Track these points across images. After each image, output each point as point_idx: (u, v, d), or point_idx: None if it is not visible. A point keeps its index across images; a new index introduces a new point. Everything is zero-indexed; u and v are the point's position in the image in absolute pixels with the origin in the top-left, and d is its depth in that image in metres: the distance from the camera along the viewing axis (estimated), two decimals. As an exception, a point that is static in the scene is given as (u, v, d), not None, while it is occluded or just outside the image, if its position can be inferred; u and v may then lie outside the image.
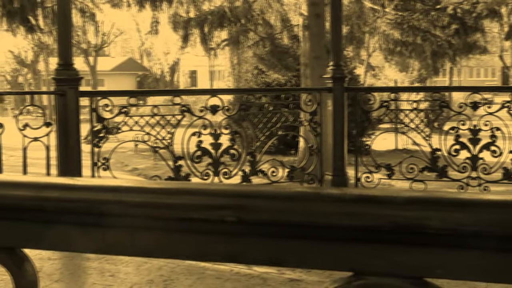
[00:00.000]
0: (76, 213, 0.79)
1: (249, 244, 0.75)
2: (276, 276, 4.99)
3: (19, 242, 0.85)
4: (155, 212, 0.76)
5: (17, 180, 0.83)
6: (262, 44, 18.19)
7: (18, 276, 0.84)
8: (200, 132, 7.00)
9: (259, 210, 0.73)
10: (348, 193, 0.74)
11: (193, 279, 4.87)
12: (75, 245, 0.83)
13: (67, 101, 6.24)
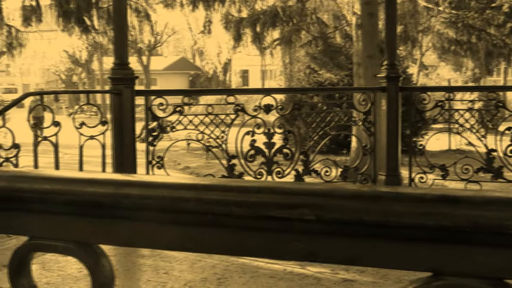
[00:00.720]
0: (155, 210, 0.80)
1: (327, 243, 0.75)
2: (329, 276, 4.96)
3: (96, 238, 0.86)
4: (234, 210, 0.76)
5: (97, 178, 0.85)
6: (314, 43, 18.13)
7: (95, 271, 0.85)
8: (253, 131, 7.01)
9: (339, 209, 0.73)
10: (429, 193, 0.73)
11: (247, 278, 4.88)
12: (152, 241, 0.84)
13: (123, 100, 6.32)
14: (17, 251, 0.91)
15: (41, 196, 0.87)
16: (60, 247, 0.89)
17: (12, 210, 0.90)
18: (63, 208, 0.86)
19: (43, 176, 0.89)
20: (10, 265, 0.92)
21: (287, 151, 7.29)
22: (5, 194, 0.89)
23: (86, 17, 14.49)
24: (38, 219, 0.89)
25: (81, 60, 51.25)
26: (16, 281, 0.91)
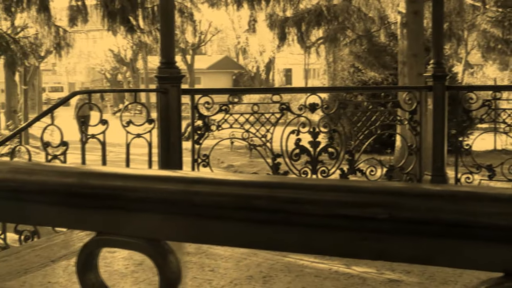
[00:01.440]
0: (225, 208, 0.81)
1: (399, 242, 0.74)
2: (375, 276, 4.93)
3: (165, 235, 0.87)
4: (307, 208, 0.76)
5: (168, 175, 0.86)
6: (359, 42, 18.06)
7: (163, 267, 0.86)
8: (298, 130, 7.01)
9: (413, 208, 0.72)
10: (505, 193, 0.72)
11: (292, 276, 4.87)
12: (221, 238, 0.84)
13: (169, 99, 6.37)
14: (85, 247, 0.92)
15: (111, 193, 0.88)
16: (129, 243, 0.90)
17: (81, 206, 0.92)
18: (133, 204, 0.87)
19: (114, 173, 0.90)
20: (78, 260, 0.93)
21: (332, 150, 7.27)
22: (75, 190, 0.90)
23: (131, 17, 14.64)
24: (107, 215, 0.90)
25: (126, 59, 51.83)
26: (83, 276, 0.93)
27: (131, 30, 14.72)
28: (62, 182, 0.91)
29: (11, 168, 0.94)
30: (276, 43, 19.32)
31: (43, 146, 6.19)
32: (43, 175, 0.93)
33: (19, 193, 0.93)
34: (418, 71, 12.91)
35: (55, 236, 6.14)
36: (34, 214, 0.96)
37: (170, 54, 6.49)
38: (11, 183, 0.93)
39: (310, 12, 17.75)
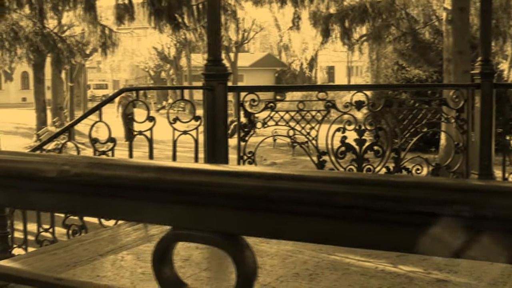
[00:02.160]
0: (304, 204, 0.81)
1: (483, 240, 0.74)
2: (422, 276, 4.88)
3: (241, 230, 0.88)
4: (388, 205, 0.76)
5: (246, 170, 0.87)
6: (403, 39, 17.89)
7: (240, 262, 0.87)
8: (344, 127, 6.99)
9: (498, 206, 0.72)
10: None
11: (338, 275, 4.86)
12: (297, 234, 0.85)
13: (216, 96, 6.41)
14: (161, 241, 0.94)
15: (188, 188, 0.89)
16: (204, 237, 0.91)
17: (157, 200, 0.93)
18: (210, 199, 0.88)
19: (192, 168, 0.91)
20: (154, 255, 0.95)
21: (378, 148, 7.22)
22: (152, 185, 0.91)
23: (177, 15, 14.75)
24: (183, 210, 0.91)
25: (169, 56, 52.18)
26: (159, 270, 0.94)
27: (177, 28, 14.82)
28: (139, 177, 0.92)
29: (88, 163, 0.96)
30: (319, 40, 19.26)
31: (91, 142, 6.28)
32: (118, 170, 0.94)
33: (95, 188, 0.95)
34: (464, 69, 12.76)
35: (103, 231, 6.22)
36: (109, 208, 0.98)
37: (217, 51, 6.52)
38: (87, 177, 0.94)
39: (354, 9, 17.66)
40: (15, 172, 1.00)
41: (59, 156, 1.01)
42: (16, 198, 1.07)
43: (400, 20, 17.41)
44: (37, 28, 16.51)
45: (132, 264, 5.13)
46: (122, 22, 15.19)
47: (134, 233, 6.06)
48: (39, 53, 17.63)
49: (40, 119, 28.44)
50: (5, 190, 1.04)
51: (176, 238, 0.93)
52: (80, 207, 1.01)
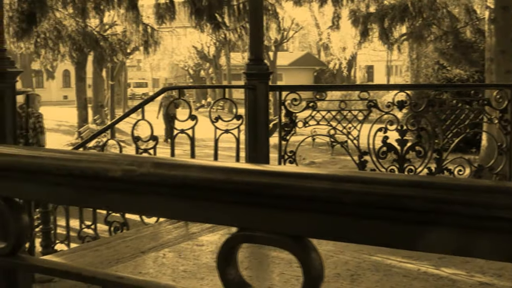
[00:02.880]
0: (375, 207, 0.80)
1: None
2: (465, 279, 4.82)
3: (309, 232, 0.88)
4: (460, 210, 0.75)
5: (315, 173, 0.86)
6: (444, 38, 17.69)
7: (307, 265, 0.87)
8: (386, 127, 6.93)
9: None
10: None
11: (380, 275, 4.82)
12: (364, 237, 0.84)
13: (257, 95, 6.42)
14: (227, 242, 0.94)
15: (256, 189, 0.89)
16: (271, 239, 0.91)
17: (224, 201, 0.93)
18: (277, 201, 0.88)
19: (259, 169, 0.91)
20: (219, 255, 0.95)
21: (420, 149, 7.15)
22: (219, 185, 0.91)
23: (218, 14, 14.80)
24: (250, 211, 0.91)
25: (209, 55, 52.39)
26: (224, 271, 0.94)
27: (217, 27, 14.88)
28: (205, 177, 0.92)
29: (154, 163, 0.96)
30: (358, 39, 19.16)
31: (133, 140, 6.32)
32: (186, 170, 0.94)
33: (161, 188, 0.95)
34: (506, 68, 12.57)
35: (144, 228, 6.27)
36: (175, 209, 0.98)
37: (259, 51, 6.54)
38: (153, 177, 0.95)
39: (394, 8, 17.51)
40: (78, 170, 1.01)
41: (124, 156, 1.01)
42: (79, 197, 1.08)
43: (441, 19, 17.21)
44: (80, 27, 16.71)
45: (173, 262, 5.16)
46: (163, 21, 15.30)
47: (175, 230, 6.10)
48: (81, 52, 17.84)
49: (82, 116, 28.79)
50: (68, 188, 1.05)
51: (242, 239, 0.93)
52: (145, 207, 1.02)
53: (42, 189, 1.10)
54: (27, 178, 1.09)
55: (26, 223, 1.13)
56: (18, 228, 1.11)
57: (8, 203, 1.11)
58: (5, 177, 1.12)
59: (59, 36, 16.36)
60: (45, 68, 34.02)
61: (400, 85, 11.80)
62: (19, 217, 1.11)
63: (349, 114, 7.00)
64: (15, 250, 1.12)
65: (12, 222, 1.10)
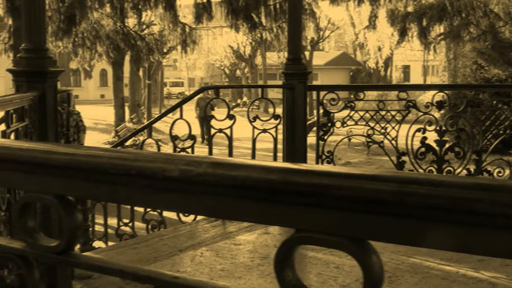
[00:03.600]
0: (442, 210, 0.79)
1: None
2: (505, 282, 4.76)
3: (370, 235, 0.87)
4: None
5: (378, 174, 0.86)
6: (483, 37, 17.48)
7: (368, 267, 0.86)
8: (425, 128, 6.87)
9: None
10: None
11: (419, 278, 4.78)
12: (430, 241, 0.83)
13: (295, 95, 6.41)
14: (285, 243, 0.93)
15: (315, 190, 0.88)
16: (330, 240, 0.90)
17: (282, 202, 0.93)
18: (337, 202, 0.87)
19: (319, 170, 0.90)
20: (277, 256, 0.94)
21: (459, 150, 7.08)
22: (278, 186, 0.91)
23: (254, 14, 14.82)
24: (308, 212, 0.90)
25: (245, 55, 52.46)
26: (281, 273, 0.94)
27: (253, 27, 14.89)
28: (266, 178, 0.92)
29: (212, 163, 0.96)
30: (395, 39, 19.04)
31: (171, 139, 6.35)
32: (245, 171, 0.94)
33: (218, 188, 0.95)
34: (547, 68, 12.38)
35: (181, 227, 6.30)
36: (230, 209, 0.98)
37: (297, 50, 6.53)
38: (211, 177, 0.95)
39: (433, 7, 17.35)
40: (135, 170, 1.01)
41: (181, 156, 1.02)
42: (135, 196, 1.09)
43: (480, 18, 17.01)
44: (118, 26, 16.86)
45: (211, 261, 5.17)
46: (200, 21, 15.36)
47: (213, 229, 6.12)
48: (119, 51, 17.99)
49: (119, 115, 29.05)
50: (124, 188, 1.06)
51: (300, 241, 0.93)
52: (201, 207, 1.01)
53: (97, 187, 1.11)
54: (83, 177, 1.10)
55: (79, 221, 1.14)
56: (71, 227, 1.12)
57: (62, 201, 1.12)
58: (60, 175, 1.13)
59: (97, 36, 16.53)
60: (83, 67, 34.37)
61: (439, 85, 11.68)
62: (72, 216, 1.12)
63: (388, 114, 6.96)
64: (68, 248, 1.13)
65: (65, 220, 1.12)
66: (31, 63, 4.32)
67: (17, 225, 1.19)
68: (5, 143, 1.29)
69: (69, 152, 1.12)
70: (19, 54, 4.38)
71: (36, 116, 4.25)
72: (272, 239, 5.75)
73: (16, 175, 1.20)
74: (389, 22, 18.29)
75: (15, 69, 4.37)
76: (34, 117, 4.23)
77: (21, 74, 4.34)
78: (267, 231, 5.97)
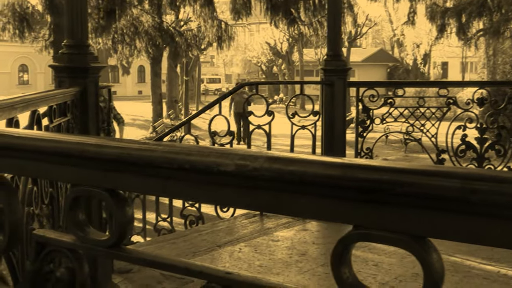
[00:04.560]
0: (505, 207, 0.77)
1: None
2: (548, 282, 4.68)
3: (430, 232, 0.86)
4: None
5: (443, 170, 0.84)
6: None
7: (429, 266, 0.85)
8: (465, 125, 6.78)
9: None
10: None
11: (460, 277, 4.72)
12: (493, 239, 0.81)
13: (335, 91, 6.37)
14: (342, 240, 0.92)
15: (377, 186, 0.87)
16: (390, 238, 0.89)
17: (342, 198, 0.92)
18: (399, 199, 0.86)
19: (382, 166, 0.89)
20: (334, 253, 0.93)
21: (499, 148, 6.97)
22: (339, 182, 0.90)
23: (293, 9, 14.80)
24: (368, 209, 0.89)
25: (282, 51, 52.42)
26: (338, 269, 0.93)
27: (293, 22, 14.87)
28: (325, 173, 0.90)
29: (268, 157, 0.95)
30: (434, 35, 18.85)
31: (210, 135, 6.37)
32: (303, 166, 0.93)
33: (274, 183, 0.94)
34: None
35: (220, 222, 6.32)
36: (287, 205, 0.97)
37: (337, 46, 6.49)
38: (267, 172, 0.94)
39: (472, 3, 17.15)
40: (188, 164, 1.01)
41: (236, 150, 1.01)
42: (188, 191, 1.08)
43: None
44: (156, 23, 16.97)
45: (249, 257, 5.18)
46: (239, 17, 15.36)
47: (251, 225, 6.13)
48: (157, 47, 18.12)
49: (156, 111, 29.22)
50: (177, 182, 1.05)
51: (359, 238, 0.91)
52: (257, 203, 1.00)
53: (149, 182, 1.10)
54: (135, 171, 1.10)
55: (130, 216, 1.14)
56: (122, 221, 1.12)
57: (113, 195, 1.12)
58: (112, 169, 1.13)
59: (136, 32, 16.66)
60: (121, 63, 34.67)
61: (480, 82, 11.51)
62: (123, 210, 1.12)
63: (428, 111, 6.89)
64: (119, 241, 1.13)
65: (117, 215, 1.12)
66: (73, 59, 4.36)
67: (68, 219, 1.19)
68: (56, 137, 1.29)
69: (121, 146, 1.11)
70: (61, 50, 4.42)
71: (78, 111, 4.29)
72: (310, 236, 5.73)
73: (66, 169, 1.20)
74: (428, 17, 18.12)
75: (58, 65, 4.42)
76: (76, 112, 4.27)
77: (64, 70, 4.38)
78: (305, 227, 5.96)
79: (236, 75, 67.40)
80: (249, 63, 62.53)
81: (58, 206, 3.53)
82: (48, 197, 3.29)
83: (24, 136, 1.31)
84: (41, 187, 3.14)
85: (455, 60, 57.30)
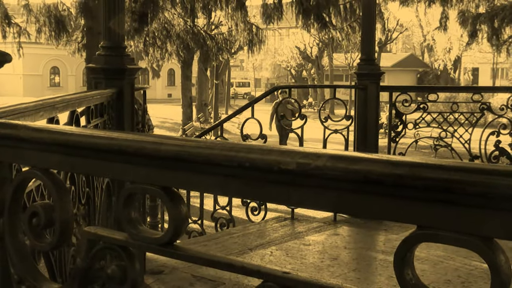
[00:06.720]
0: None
1: None
2: None
3: (499, 233, 0.85)
4: None
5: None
6: (558, 39, 17.04)
7: (497, 268, 0.84)
8: (499, 131, 6.72)
9: None
10: None
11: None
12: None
13: (368, 95, 6.35)
14: (405, 241, 0.92)
15: (446, 186, 0.86)
16: (457, 238, 0.88)
17: (407, 198, 0.91)
18: (469, 199, 0.85)
19: (451, 165, 0.88)
20: (397, 254, 0.93)
21: (532, 154, 6.89)
22: (405, 181, 0.89)
23: (325, 14, 14.76)
24: (434, 209, 0.88)
25: (311, 56, 52.33)
26: (401, 271, 0.92)
27: (324, 27, 14.82)
28: (391, 173, 0.90)
29: (331, 156, 0.95)
30: (465, 40, 18.70)
31: (242, 138, 6.37)
32: (368, 165, 0.92)
33: (337, 182, 0.94)
34: None
35: (251, 225, 6.32)
36: (350, 204, 0.97)
37: (370, 51, 6.47)
38: (330, 171, 0.94)
39: (505, 8, 16.99)
40: (248, 162, 1.01)
41: (298, 148, 1.01)
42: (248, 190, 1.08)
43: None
44: (188, 26, 17.02)
45: (281, 260, 5.17)
46: (270, 21, 15.35)
47: (282, 229, 6.12)
48: (188, 51, 18.16)
49: (186, 114, 29.31)
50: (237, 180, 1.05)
51: (424, 238, 0.91)
52: (318, 202, 1.00)
53: (207, 180, 1.10)
54: (193, 169, 1.10)
55: (184, 213, 1.14)
56: (177, 219, 1.13)
57: (168, 193, 1.12)
58: (169, 167, 1.13)
59: (168, 35, 16.73)
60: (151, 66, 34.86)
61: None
62: (178, 208, 1.13)
63: (461, 117, 6.83)
64: (172, 240, 1.13)
65: (171, 212, 1.12)
66: (109, 60, 4.39)
67: (121, 216, 1.20)
68: (111, 134, 1.30)
69: (179, 143, 1.12)
70: (98, 52, 4.46)
71: (113, 113, 4.32)
72: (341, 241, 5.71)
73: (121, 166, 1.21)
74: (459, 23, 17.97)
75: (94, 66, 4.45)
76: (112, 113, 4.30)
77: (100, 71, 4.41)
78: (336, 232, 5.94)
79: (265, 79, 67.43)
80: (279, 67, 62.49)
81: (94, 206, 3.55)
82: (85, 197, 3.31)
83: (78, 133, 1.32)
84: (79, 186, 3.16)
85: (486, 66, 56.78)
